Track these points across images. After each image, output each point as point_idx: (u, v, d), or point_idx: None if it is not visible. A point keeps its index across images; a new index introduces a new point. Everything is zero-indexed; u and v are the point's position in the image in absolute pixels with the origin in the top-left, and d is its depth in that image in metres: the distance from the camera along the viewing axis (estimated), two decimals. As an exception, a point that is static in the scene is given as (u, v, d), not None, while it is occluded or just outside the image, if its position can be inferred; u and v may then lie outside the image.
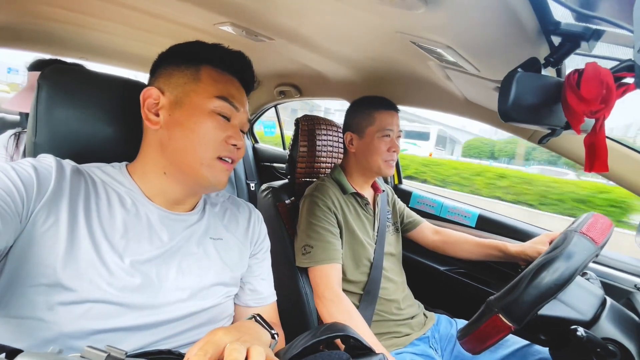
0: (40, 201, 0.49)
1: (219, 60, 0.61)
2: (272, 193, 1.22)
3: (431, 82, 1.07)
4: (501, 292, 0.64)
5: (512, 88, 0.42)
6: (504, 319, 0.62)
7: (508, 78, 0.42)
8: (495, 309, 0.63)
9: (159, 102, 0.58)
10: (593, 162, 0.44)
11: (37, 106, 0.65)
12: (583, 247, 0.63)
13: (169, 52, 0.63)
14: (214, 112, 0.57)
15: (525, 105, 0.43)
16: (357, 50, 1.02)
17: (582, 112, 0.41)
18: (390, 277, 1.10)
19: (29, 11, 1.08)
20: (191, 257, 0.60)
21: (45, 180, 0.50)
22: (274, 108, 2.16)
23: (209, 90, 0.58)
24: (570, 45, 0.45)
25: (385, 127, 1.05)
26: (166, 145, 0.58)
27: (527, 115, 0.44)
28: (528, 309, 0.60)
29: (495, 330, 0.64)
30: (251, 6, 0.84)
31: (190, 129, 0.56)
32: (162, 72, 0.60)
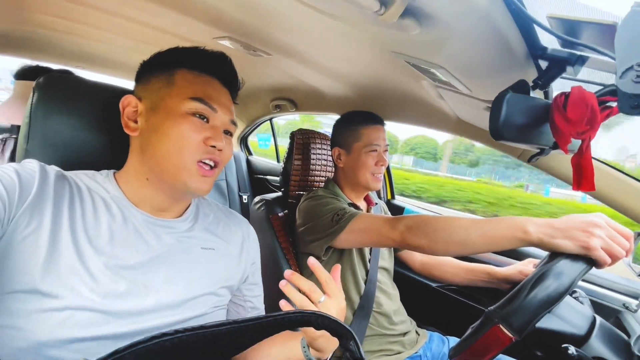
0: (22, 206, 0.48)
1: (194, 62, 0.60)
2: (265, 205, 1.21)
3: (424, 100, 1.10)
4: (501, 302, 0.63)
5: (502, 108, 0.43)
6: (505, 329, 0.60)
7: (499, 98, 0.44)
8: (495, 319, 0.61)
9: (138, 109, 0.59)
10: (580, 181, 0.45)
11: (32, 113, 0.65)
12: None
13: (149, 60, 0.63)
14: (189, 114, 0.56)
15: (515, 124, 0.45)
16: (352, 68, 1.05)
17: (569, 132, 0.43)
18: (384, 290, 1.10)
19: (26, 19, 1.08)
20: (180, 265, 0.59)
21: (27, 184, 0.49)
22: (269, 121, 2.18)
23: (183, 92, 0.57)
24: (557, 69, 0.47)
25: (372, 143, 1.07)
26: (145, 151, 0.57)
27: (516, 135, 0.46)
28: (530, 318, 0.59)
29: (495, 342, 0.63)
30: (250, 21, 0.86)
31: (164, 134, 0.55)
32: (141, 81, 0.61)
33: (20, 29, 1.16)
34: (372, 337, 1.01)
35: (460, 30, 0.43)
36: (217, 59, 0.63)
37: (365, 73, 1.08)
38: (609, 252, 0.58)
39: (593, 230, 0.58)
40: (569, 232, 0.60)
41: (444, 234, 0.76)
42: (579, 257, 0.62)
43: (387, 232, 0.84)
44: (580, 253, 0.59)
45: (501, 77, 0.53)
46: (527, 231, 0.65)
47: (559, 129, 0.43)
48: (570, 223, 0.61)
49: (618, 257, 0.59)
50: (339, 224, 0.92)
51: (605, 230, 0.58)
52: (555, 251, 0.63)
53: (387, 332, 1.03)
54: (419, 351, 1.04)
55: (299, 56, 1.07)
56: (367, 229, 0.89)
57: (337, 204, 0.98)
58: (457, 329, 1.13)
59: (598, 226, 0.58)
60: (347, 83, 1.26)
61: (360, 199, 1.18)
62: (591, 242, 0.57)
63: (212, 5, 0.82)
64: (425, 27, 0.43)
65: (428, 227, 0.79)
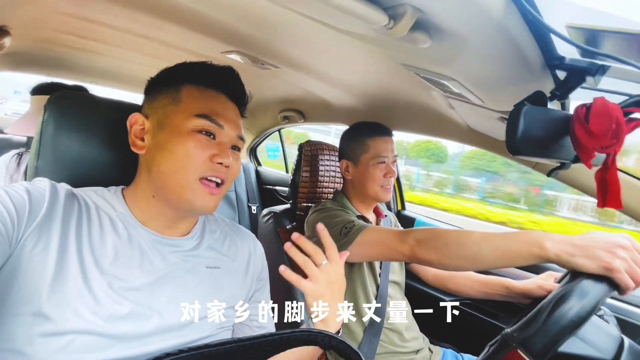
0: (31, 225, 0.47)
1: (200, 77, 0.60)
2: (273, 218, 1.20)
3: (434, 110, 1.08)
4: (519, 325, 0.60)
5: (520, 122, 0.41)
6: (523, 354, 0.57)
7: (515, 112, 0.42)
8: (513, 343, 0.58)
9: (145, 127, 0.58)
10: (605, 198, 0.42)
11: (43, 130, 0.66)
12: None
13: (156, 77, 0.63)
14: (194, 131, 0.55)
15: (533, 139, 0.43)
16: (361, 79, 1.04)
17: (593, 147, 0.40)
18: (395, 304, 1.06)
19: (43, 37, 1.11)
20: (185, 286, 0.58)
21: (37, 203, 0.49)
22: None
23: (189, 109, 0.56)
24: (576, 79, 0.45)
25: (380, 154, 1.05)
26: (151, 169, 0.57)
27: (535, 149, 0.43)
28: (550, 342, 0.55)
29: None
30: (258, 35, 0.86)
31: (170, 151, 0.55)
32: (148, 97, 0.61)
33: (36, 46, 1.20)
34: (384, 355, 0.98)
35: (473, 42, 0.41)
36: (223, 73, 0.63)
37: (374, 84, 1.07)
38: (632, 276, 0.54)
39: (617, 251, 0.55)
40: (590, 250, 0.57)
41: (455, 248, 0.73)
42: (602, 278, 0.59)
43: (397, 245, 0.81)
44: (601, 274, 0.56)
45: (516, 88, 0.52)
46: (544, 247, 0.61)
47: (582, 143, 0.41)
48: (592, 241, 0.58)
49: None
50: (347, 237, 0.90)
51: (631, 253, 0.55)
52: (574, 270, 0.59)
53: (399, 350, 0.99)
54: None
55: (306, 68, 1.07)
56: (376, 242, 0.87)
57: (345, 217, 0.96)
58: (472, 345, 1.09)
59: (623, 247, 0.55)
60: (356, 94, 1.25)
61: (370, 210, 1.16)
62: (614, 264, 0.54)
63: (221, 20, 0.83)
64: (436, 40, 0.42)
65: (439, 241, 0.75)
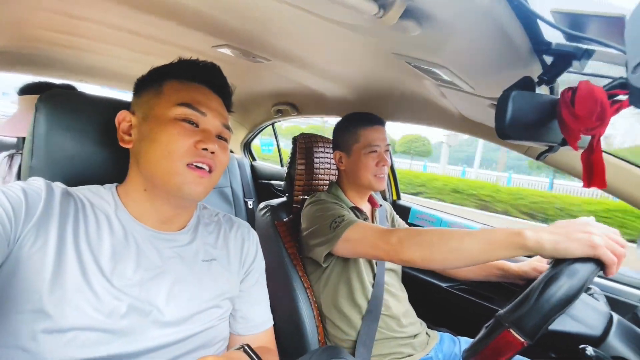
0: (29, 224, 0.48)
1: (180, 72, 0.62)
2: (270, 211, 1.21)
3: (426, 99, 1.09)
4: (511, 306, 0.62)
5: (508, 107, 0.42)
6: (516, 334, 0.59)
7: (504, 97, 0.43)
8: (505, 323, 0.60)
9: (132, 123, 0.60)
10: (591, 178, 0.44)
11: (35, 130, 0.65)
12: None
13: (139, 80, 0.65)
14: (177, 120, 0.57)
15: (522, 123, 0.44)
16: (353, 70, 1.04)
17: (578, 129, 0.41)
18: (392, 292, 1.08)
19: (28, 35, 1.09)
20: (182, 280, 0.59)
21: (34, 202, 0.50)
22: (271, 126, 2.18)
23: (171, 99, 0.58)
24: (563, 64, 0.46)
25: (371, 143, 1.06)
26: (139, 160, 0.58)
27: (523, 133, 0.44)
28: (541, 322, 0.57)
29: (506, 346, 0.61)
30: (247, 28, 0.86)
31: (153, 139, 0.56)
32: (134, 97, 0.63)
33: (23, 45, 1.17)
34: (382, 341, 1.00)
35: (461, 28, 0.42)
36: (205, 67, 0.64)
37: (366, 74, 1.07)
38: (612, 250, 0.57)
39: (592, 230, 0.58)
40: (570, 234, 0.59)
41: (439, 243, 0.73)
42: (588, 259, 0.61)
43: (380, 244, 0.82)
44: (587, 254, 0.58)
45: (505, 74, 0.52)
46: (524, 236, 0.64)
47: (568, 125, 0.42)
48: (567, 227, 0.61)
49: (621, 255, 0.59)
50: (335, 231, 0.91)
51: (602, 230, 0.59)
52: (560, 257, 0.62)
53: (397, 335, 1.02)
54: (430, 353, 1.02)
55: (298, 60, 1.06)
56: (361, 239, 0.88)
57: (337, 210, 0.97)
58: (468, 328, 1.12)
59: (594, 226, 0.59)
60: (348, 85, 1.25)
61: (364, 201, 1.17)
62: (595, 241, 0.57)
63: (210, 14, 0.82)
64: (426, 27, 0.42)
65: (422, 238, 0.76)
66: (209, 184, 0.59)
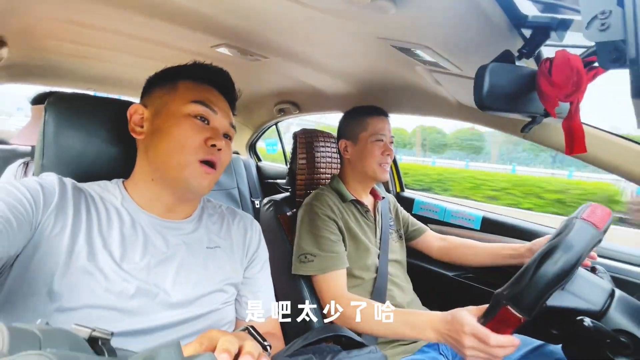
0: (47, 211, 0.52)
1: (193, 73, 0.65)
2: (273, 206, 1.24)
3: (422, 89, 1.10)
4: (508, 284, 0.63)
5: (485, 79, 0.44)
6: (513, 310, 0.60)
7: (481, 70, 0.44)
8: (503, 301, 0.61)
9: (144, 116, 0.63)
10: (572, 145, 0.44)
11: (45, 130, 0.69)
12: (586, 232, 0.62)
13: (155, 75, 0.68)
14: (190, 116, 0.60)
15: (501, 94, 0.45)
16: (348, 62, 1.06)
17: (555, 96, 0.42)
18: (397, 282, 1.09)
19: (38, 46, 1.15)
20: (187, 265, 0.62)
21: (50, 193, 0.54)
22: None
23: (185, 96, 0.62)
24: (541, 36, 0.47)
25: (378, 132, 1.08)
26: (150, 151, 0.61)
27: (503, 104, 0.45)
28: (536, 298, 0.58)
29: (505, 323, 0.62)
30: (242, 26, 0.89)
31: (168, 132, 0.59)
32: (147, 92, 0.67)
33: (32, 56, 1.24)
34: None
35: (435, 7, 0.43)
36: (216, 71, 0.69)
37: (361, 67, 1.09)
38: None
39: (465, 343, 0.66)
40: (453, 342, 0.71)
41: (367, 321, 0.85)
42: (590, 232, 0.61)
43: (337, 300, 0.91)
44: None
45: (487, 51, 0.53)
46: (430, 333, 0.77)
47: (545, 93, 0.43)
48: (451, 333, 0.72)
49: None
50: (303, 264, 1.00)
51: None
52: None
53: (402, 323, 1.02)
54: (437, 340, 1.02)
55: (295, 56, 1.09)
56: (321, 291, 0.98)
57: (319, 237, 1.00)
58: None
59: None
60: (346, 80, 1.28)
61: (367, 193, 1.18)
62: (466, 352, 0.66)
63: (206, 14, 0.85)
64: (400, 6, 0.44)
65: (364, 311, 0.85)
66: (214, 179, 0.64)
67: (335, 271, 0.97)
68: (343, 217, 1.06)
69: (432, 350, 0.99)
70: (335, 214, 1.04)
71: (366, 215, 1.13)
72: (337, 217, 1.04)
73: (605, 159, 0.75)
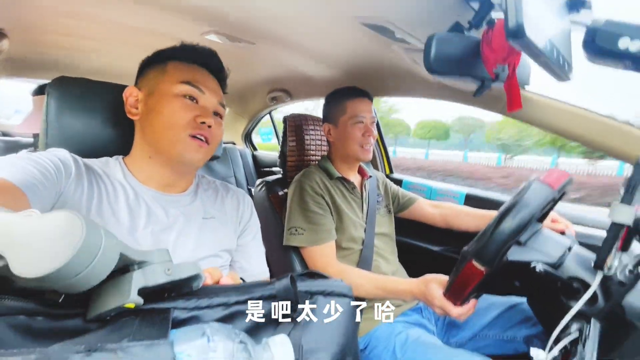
0: (69, 180, 0.58)
1: (182, 54, 0.70)
2: (265, 186, 1.30)
3: (404, 69, 1.15)
4: (472, 241, 0.70)
5: (432, 46, 0.49)
6: (477, 264, 0.66)
7: (429, 39, 0.50)
8: (468, 256, 0.68)
9: (138, 98, 0.69)
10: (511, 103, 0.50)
11: (48, 112, 0.76)
12: (541, 191, 0.68)
13: (144, 61, 0.74)
14: (179, 95, 0.66)
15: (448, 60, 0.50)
16: (331, 46, 1.11)
17: (495, 60, 0.48)
18: (382, 254, 1.15)
19: (36, 41, 1.21)
20: (186, 234, 0.68)
21: (67, 165, 0.60)
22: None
23: (174, 77, 0.67)
24: (486, 6, 0.52)
25: (357, 115, 1.13)
26: (145, 130, 0.67)
27: (451, 69, 0.51)
28: (496, 251, 0.65)
29: (471, 276, 0.69)
30: (228, 12, 0.94)
31: (160, 112, 0.65)
32: (140, 76, 0.72)
33: (32, 50, 1.30)
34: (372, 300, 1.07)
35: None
36: (204, 51, 0.73)
37: (345, 50, 1.14)
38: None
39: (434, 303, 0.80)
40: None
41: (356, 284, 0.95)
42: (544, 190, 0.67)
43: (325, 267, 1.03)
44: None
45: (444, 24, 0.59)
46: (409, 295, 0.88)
47: (486, 57, 0.49)
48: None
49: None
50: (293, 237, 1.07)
51: None
52: None
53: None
54: (420, 304, 1.09)
55: (281, 41, 1.14)
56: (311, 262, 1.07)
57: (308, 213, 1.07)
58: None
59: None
60: (331, 65, 1.33)
61: (354, 171, 1.24)
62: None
63: (196, 2, 0.91)
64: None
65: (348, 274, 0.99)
66: (207, 153, 0.70)
67: (324, 244, 1.04)
68: (330, 193, 1.12)
69: (415, 313, 1.06)
70: (322, 190, 1.11)
71: (353, 191, 1.20)
72: (324, 192, 1.11)
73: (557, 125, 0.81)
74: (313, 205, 1.07)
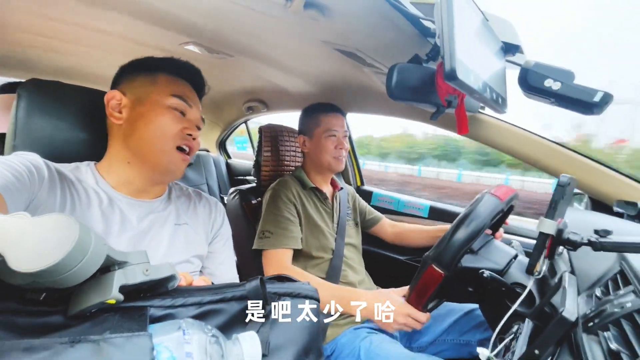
0: (42, 185, 0.57)
1: (171, 68, 0.73)
2: (239, 195, 1.32)
3: (374, 90, 1.23)
4: (433, 247, 0.77)
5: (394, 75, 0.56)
6: (436, 267, 0.73)
7: (391, 69, 0.57)
8: (429, 260, 0.75)
9: (122, 102, 0.69)
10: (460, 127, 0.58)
11: (17, 113, 0.75)
12: (491, 203, 0.77)
13: (128, 65, 0.74)
14: (171, 108, 0.68)
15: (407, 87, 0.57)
16: (305, 63, 1.18)
17: (446, 90, 0.55)
18: (350, 264, 1.20)
19: (7, 39, 1.17)
20: (158, 239, 0.69)
21: (40, 170, 0.58)
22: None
23: (166, 90, 0.69)
24: (440, 44, 0.60)
25: (331, 128, 1.20)
26: (129, 137, 0.68)
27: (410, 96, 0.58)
28: (453, 256, 0.72)
29: (431, 280, 0.76)
30: (206, 25, 0.97)
31: (151, 121, 0.67)
32: (124, 79, 0.72)
33: (3, 48, 1.25)
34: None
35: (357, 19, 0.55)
36: (189, 67, 0.77)
37: (318, 68, 1.21)
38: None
39: None
40: None
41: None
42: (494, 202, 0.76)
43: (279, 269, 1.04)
44: None
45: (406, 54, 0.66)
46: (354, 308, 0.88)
47: (440, 86, 0.56)
48: None
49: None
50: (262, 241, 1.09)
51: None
52: None
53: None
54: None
55: (258, 55, 1.19)
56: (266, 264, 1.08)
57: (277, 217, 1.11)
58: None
59: None
60: (307, 80, 1.39)
61: (327, 182, 1.30)
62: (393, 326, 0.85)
63: (174, 12, 0.93)
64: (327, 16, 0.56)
65: None
66: (187, 163, 0.73)
67: (283, 249, 1.07)
68: (302, 202, 1.17)
69: (379, 320, 1.11)
70: (296, 199, 1.15)
71: (325, 202, 1.25)
72: (296, 201, 1.15)
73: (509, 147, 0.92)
74: (285, 212, 1.11)
